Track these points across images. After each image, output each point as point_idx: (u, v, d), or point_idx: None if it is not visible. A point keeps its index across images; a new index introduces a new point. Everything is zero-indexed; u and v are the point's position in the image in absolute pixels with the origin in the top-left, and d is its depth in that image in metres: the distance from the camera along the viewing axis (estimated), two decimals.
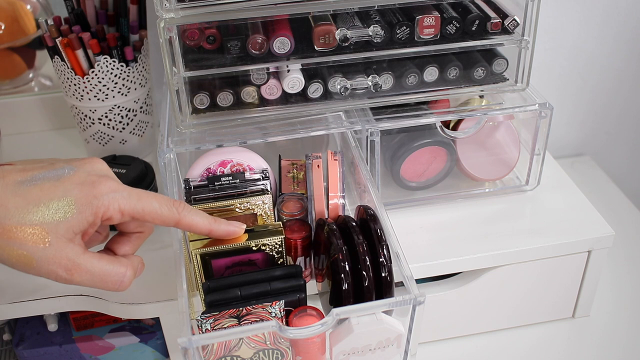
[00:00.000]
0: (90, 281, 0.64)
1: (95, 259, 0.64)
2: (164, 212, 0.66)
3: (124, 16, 1.02)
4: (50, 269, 0.61)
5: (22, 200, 0.60)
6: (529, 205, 1.00)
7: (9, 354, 1.03)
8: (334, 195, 0.82)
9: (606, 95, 1.37)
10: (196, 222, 0.69)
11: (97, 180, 0.63)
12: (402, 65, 0.90)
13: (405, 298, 0.66)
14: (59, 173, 0.63)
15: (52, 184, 0.62)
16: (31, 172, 0.62)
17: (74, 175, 0.63)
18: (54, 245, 0.60)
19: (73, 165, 0.64)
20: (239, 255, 0.76)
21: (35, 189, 0.61)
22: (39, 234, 0.60)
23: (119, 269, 0.65)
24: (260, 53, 0.84)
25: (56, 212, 0.60)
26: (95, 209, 0.62)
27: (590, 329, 1.01)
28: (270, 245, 0.76)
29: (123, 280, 0.66)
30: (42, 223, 0.60)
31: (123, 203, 0.63)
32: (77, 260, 0.62)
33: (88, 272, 0.63)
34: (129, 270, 0.66)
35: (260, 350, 0.68)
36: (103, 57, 0.98)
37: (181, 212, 0.67)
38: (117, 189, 0.64)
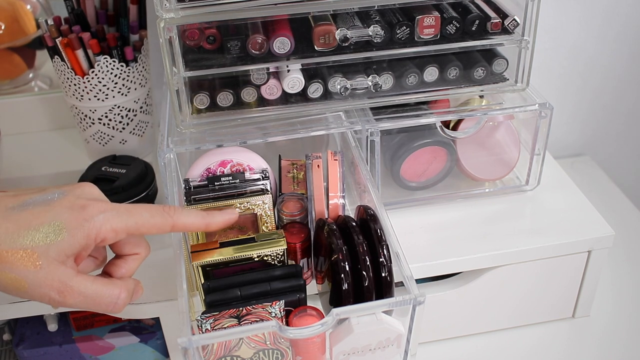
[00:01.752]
0: (84, 303, 0.63)
1: (89, 281, 0.63)
2: (156, 221, 0.66)
3: (124, 16, 1.02)
4: (43, 291, 0.61)
5: (13, 225, 0.60)
6: (529, 205, 1.00)
7: (9, 354, 1.03)
8: (334, 195, 0.82)
9: (606, 95, 1.37)
10: (191, 221, 0.69)
11: (86, 204, 0.63)
12: (402, 65, 0.90)
13: (405, 298, 0.66)
14: (48, 198, 0.63)
15: (43, 208, 0.62)
16: (22, 197, 0.63)
17: (64, 199, 0.63)
18: (45, 268, 0.60)
19: (63, 190, 0.64)
20: (240, 264, 0.76)
21: (26, 213, 0.61)
22: (30, 257, 0.60)
23: (112, 291, 0.64)
24: (260, 53, 0.84)
25: (47, 235, 0.60)
26: (87, 231, 0.62)
27: (590, 329, 1.01)
28: (272, 255, 0.76)
29: (117, 302, 0.65)
30: (33, 246, 0.60)
31: (114, 222, 0.63)
32: (69, 282, 0.61)
33: (81, 294, 0.62)
34: (122, 292, 0.65)
35: (260, 350, 0.68)
36: (103, 57, 0.98)
37: (174, 216, 0.67)
38: (107, 209, 0.63)
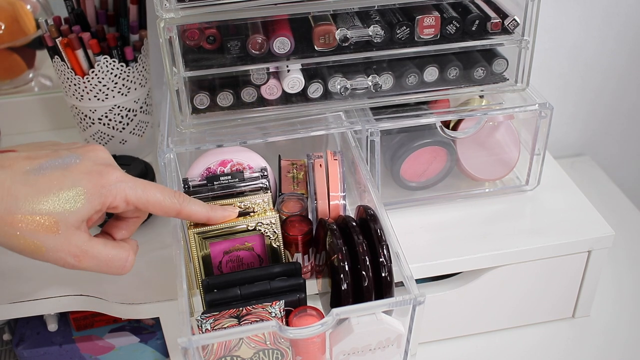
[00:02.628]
0: (96, 266, 0.66)
1: (101, 244, 0.66)
2: (166, 203, 0.69)
3: (124, 16, 1.02)
4: (59, 256, 0.63)
5: (32, 190, 0.61)
6: (529, 205, 1.00)
7: (9, 354, 1.03)
8: (334, 196, 0.83)
9: (606, 95, 1.37)
10: (195, 210, 0.72)
11: (104, 170, 0.65)
12: (402, 65, 0.90)
13: (405, 298, 0.66)
14: (65, 162, 0.64)
15: (61, 173, 0.63)
16: (37, 160, 0.63)
17: (81, 164, 0.64)
18: (63, 233, 0.62)
19: (78, 154, 0.65)
20: (236, 237, 0.78)
21: (44, 178, 0.62)
22: (49, 223, 0.61)
23: (122, 254, 0.68)
24: (260, 53, 0.84)
25: (66, 201, 0.62)
26: (104, 198, 0.64)
27: (590, 329, 1.01)
28: (265, 224, 0.77)
29: (125, 264, 0.69)
30: (52, 212, 0.61)
31: (130, 193, 0.65)
32: (85, 247, 0.64)
33: (94, 258, 0.65)
34: (130, 255, 0.69)
35: (260, 350, 0.69)
36: (103, 57, 0.98)
37: (182, 203, 0.70)
38: (124, 179, 0.66)
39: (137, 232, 0.97)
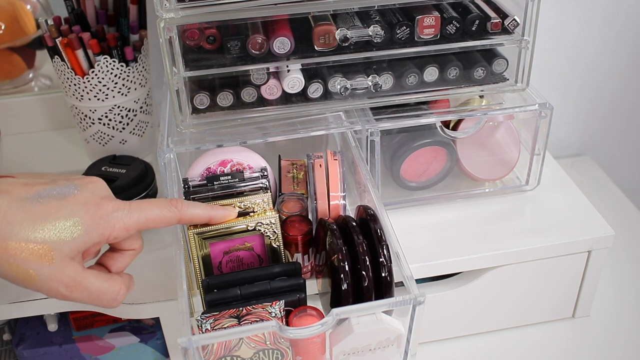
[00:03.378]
0: (87, 298, 0.65)
1: (93, 276, 0.65)
2: (165, 215, 0.69)
3: (124, 16, 1.02)
4: (52, 286, 0.62)
5: (28, 217, 0.60)
6: (529, 205, 1.00)
7: (9, 354, 1.03)
8: (334, 196, 0.83)
9: (606, 95, 1.37)
10: (196, 214, 0.72)
11: (100, 202, 0.64)
12: (402, 65, 0.90)
13: (405, 298, 0.66)
14: (63, 191, 0.63)
15: (58, 202, 0.62)
16: (35, 187, 0.63)
17: (79, 195, 0.64)
18: (57, 263, 0.61)
19: (76, 185, 0.65)
20: (235, 237, 0.78)
21: (41, 206, 0.61)
22: (43, 252, 0.60)
23: (114, 287, 0.67)
24: (260, 53, 0.84)
25: (62, 231, 0.61)
26: (102, 229, 0.63)
27: (590, 329, 1.01)
28: (265, 224, 0.77)
29: (117, 298, 0.67)
30: (48, 241, 0.60)
31: (127, 220, 0.65)
32: (78, 278, 0.63)
33: (86, 290, 0.64)
34: (122, 288, 0.68)
35: (260, 350, 0.69)
36: (103, 57, 0.98)
37: (181, 210, 0.70)
38: (120, 207, 0.65)
39: None
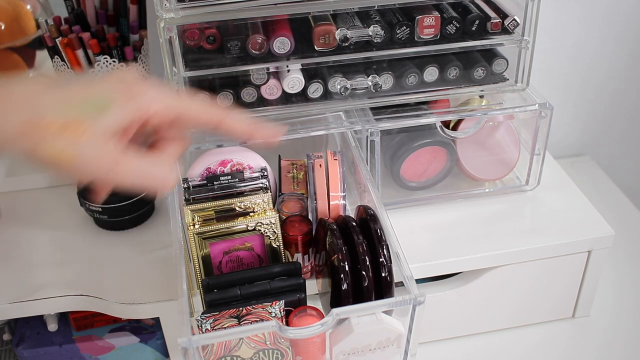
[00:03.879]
0: (135, 178, 0.60)
1: (137, 158, 0.60)
2: (208, 111, 0.65)
3: (124, 16, 1.02)
4: (92, 167, 0.57)
5: (59, 97, 0.57)
6: (529, 205, 1.00)
7: (9, 354, 1.03)
8: (334, 196, 0.83)
9: (607, 95, 1.37)
10: (238, 125, 0.67)
11: (134, 81, 0.61)
12: (402, 65, 0.90)
13: (405, 298, 0.66)
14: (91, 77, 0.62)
15: (87, 84, 0.60)
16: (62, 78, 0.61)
17: (111, 76, 0.61)
18: (93, 142, 0.57)
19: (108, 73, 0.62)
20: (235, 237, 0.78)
21: (72, 89, 0.58)
22: (75, 129, 0.56)
23: (162, 167, 0.62)
24: (260, 53, 0.84)
25: (93, 107, 0.57)
26: (139, 104, 0.60)
27: (590, 329, 1.01)
28: (265, 224, 0.77)
29: (168, 177, 0.62)
30: (82, 118, 0.56)
31: (167, 99, 0.61)
32: (119, 157, 0.58)
33: (131, 170, 0.59)
34: (171, 172, 0.62)
35: (260, 350, 0.69)
36: (103, 57, 0.98)
37: (224, 114, 0.65)
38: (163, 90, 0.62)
39: (137, 232, 0.98)
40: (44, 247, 0.96)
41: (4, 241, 0.98)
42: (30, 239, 0.98)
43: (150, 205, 1.00)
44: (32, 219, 1.02)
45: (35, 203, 1.04)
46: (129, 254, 0.94)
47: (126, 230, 0.99)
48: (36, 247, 0.96)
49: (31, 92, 0.56)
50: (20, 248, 0.96)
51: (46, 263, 0.93)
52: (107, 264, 0.93)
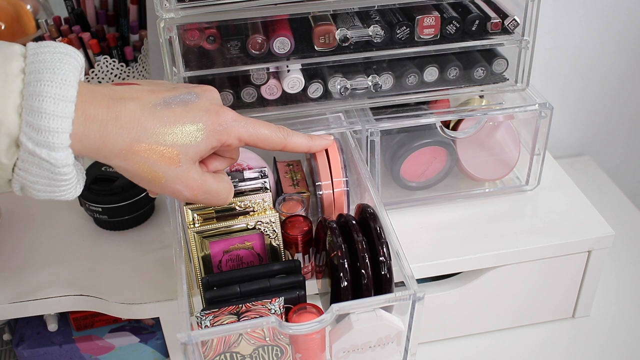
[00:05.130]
0: (206, 199, 0.70)
1: (211, 178, 0.69)
2: (273, 138, 0.73)
3: (124, 16, 1.02)
4: (176, 188, 0.66)
5: (159, 122, 0.63)
6: (529, 205, 1.00)
7: (9, 354, 1.03)
8: (338, 182, 0.83)
9: (608, 96, 1.37)
10: (299, 143, 0.76)
11: (220, 110, 0.68)
12: (402, 65, 0.90)
13: (405, 294, 0.66)
14: (185, 98, 0.66)
15: (183, 108, 0.65)
16: (161, 94, 0.65)
17: (199, 102, 0.67)
18: (183, 166, 0.65)
19: (195, 92, 0.68)
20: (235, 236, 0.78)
21: (169, 112, 0.64)
22: (172, 155, 0.64)
23: (227, 186, 0.72)
24: (260, 53, 0.84)
25: (188, 135, 0.64)
26: (220, 135, 0.67)
27: (590, 329, 1.01)
28: (265, 223, 0.78)
29: (229, 196, 0.72)
30: (175, 145, 0.64)
31: (242, 131, 0.69)
32: (200, 180, 0.67)
33: (207, 192, 0.69)
34: (232, 188, 0.73)
35: (260, 346, 0.69)
36: (103, 57, 0.99)
37: (287, 137, 0.74)
38: (237, 118, 0.69)
39: (138, 232, 0.98)
40: (44, 247, 0.96)
41: (4, 241, 0.98)
42: (30, 238, 0.98)
43: (150, 205, 1.00)
44: (32, 219, 1.02)
45: (35, 203, 1.04)
46: (129, 254, 0.95)
47: (126, 230, 0.99)
48: (36, 247, 0.97)
49: (137, 114, 0.62)
50: (20, 248, 0.96)
51: (46, 263, 0.93)
52: (107, 264, 0.93)
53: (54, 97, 0.57)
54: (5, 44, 0.59)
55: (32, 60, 0.58)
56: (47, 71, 0.57)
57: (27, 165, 0.58)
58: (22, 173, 0.58)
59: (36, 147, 0.56)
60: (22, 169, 0.58)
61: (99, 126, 0.60)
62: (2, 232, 0.99)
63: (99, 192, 0.94)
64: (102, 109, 0.60)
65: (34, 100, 0.56)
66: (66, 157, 0.58)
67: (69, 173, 0.59)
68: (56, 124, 0.57)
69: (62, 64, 0.58)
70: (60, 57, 0.59)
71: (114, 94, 0.62)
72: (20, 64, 0.57)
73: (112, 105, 0.61)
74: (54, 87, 0.57)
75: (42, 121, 0.56)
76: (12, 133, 0.56)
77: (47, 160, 0.57)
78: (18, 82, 0.57)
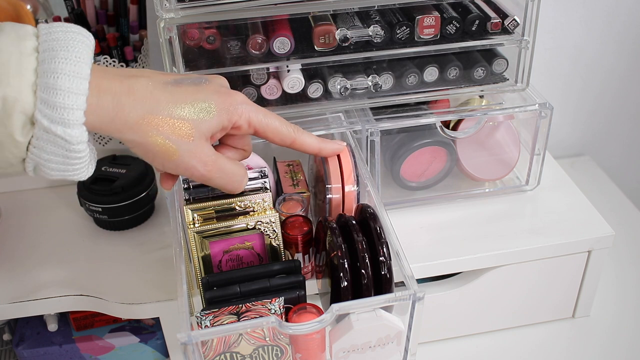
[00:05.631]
0: (220, 179, 0.69)
1: (224, 158, 0.69)
2: (283, 131, 0.72)
3: (124, 16, 1.02)
4: (191, 163, 0.66)
5: (171, 97, 0.64)
6: (529, 205, 1.00)
7: (9, 354, 1.03)
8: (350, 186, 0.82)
9: (607, 96, 1.37)
10: (308, 142, 0.76)
11: (230, 92, 0.68)
12: (402, 65, 0.90)
13: (405, 294, 0.66)
14: (196, 80, 0.67)
15: (194, 87, 0.66)
16: (172, 75, 0.66)
17: (209, 84, 0.67)
18: (196, 141, 0.65)
19: (206, 78, 0.69)
20: (235, 236, 0.78)
21: (181, 89, 0.65)
22: (185, 128, 0.64)
23: (241, 171, 0.71)
24: (260, 53, 0.84)
25: (200, 111, 0.65)
26: (230, 115, 0.67)
27: (590, 329, 1.01)
28: (265, 223, 0.78)
29: (243, 181, 0.71)
30: (189, 119, 0.64)
31: (253, 116, 0.69)
32: (214, 157, 0.67)
33: (221, 170, 0.68)
34: (246, 174, 0.72)
35: (260, 346, 0.69)
36: (103, 57, 0.99)
37: (296, 133, 0.73)
38: (248, 102, 0.69)
39: (138, 232, 0.98)
40: (44, 247, 0.96)
41: (4, 241, 0.98)
42: (30, 238, 0.98)
43: (150, 205, 1.00)
44: (32, 218, 1.02)
45: (35, 203, 1.04)
46: (129, 254, 0.95)
47: (126, 230, 0.99)
48: (36, 246, 0.97)
49: (149, 87, 0.63)
50: (20, 248, 0.96)
51: (46, 263, 0.94)
52: (107, 264, 0.93)
53: (69, 74, 0.57)
54: (17, 25, 0.58)
55: (45, 39, 0.58)
56: (61, 49, 0.57)
57: (42, 143, 0.58)
58: (36, 151, 0.58)
59: (51, 124, 0.56)
60: (36, 147, 0.58)
61: (112, 98, 0.60)
62: (2, 232, 0.99)
63: (99, 192, 0.94)
64: (116, 82, 0.61)
65: (49, 77, 0.56)
66: (81, 134, 0.58)
67: (83, 150, 0.59)
68: (71, 101, 0.57)
69: (75, 42, 0.58)
70: (73, 36, 0.59)
71: (126, 72, 0.63)
72: (33, 43, 0.57)
73: (125, 80, 0.62)
74: (69, 65, 0.57)
75: (57, 98, 0.56)
76: (27, 111, 0.56)
77: (62, 137, 0.57)
78: (32, 60, 0.57)
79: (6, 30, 0.57)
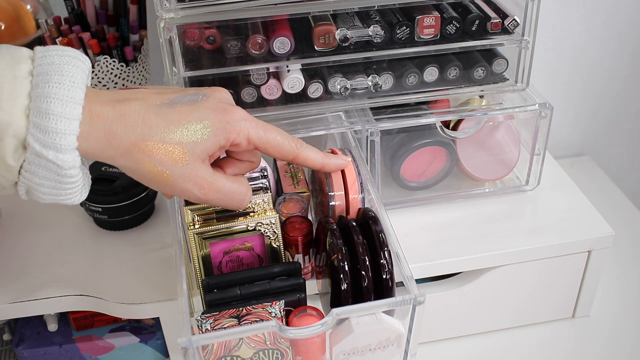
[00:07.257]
0: (219, 200, 0.68)
1: (223, 178, 0.68)
2: (285, 146, 0.70)
3: (124, 16, 1.02)
4: (186, 187, 0.65)
5: (163, 121, 0.63)
6: (529, 205, 1.00)
7: (9, 354, 1.03)
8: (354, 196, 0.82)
9: (608, 96, 1.37)
10: (311, 157, 0.74)
11: (228, 108, 0.66)
12: (402, 65, 0.90)
13: (405, 298, 0.66)
14: (192, 98, 0.66)
15: (189, 107, 0.64)
16: (167, 95, 0.65)
17: (207, 101, 0.66)
18: (191, 164, 0.64)
19: (204, 93, 0.67)
20: (235, 237, 0.78)
21: (174, 111, 0.64)
22: (178, 152, 0.63)
23: (242, 188, 0.70)
24: (260, 53, 0.84)
25: (194, 133, 0.63)
26: (228, 133, 0.65)
27: (590, 329, 1.01)
28: (265, 224, 0.78)
29: (245, 198, 0.70)
30: (181, 143, 0.63)
31: (252, 132, 0.67)
32: (210, 179, 0.66)
33: (218, 192, 0.67)
34: (249, 190, 0.71)
35: (260, 350, 0.69)
36: (103, 57, 0.98)
37: (299, 148, 0.72)
38: (247, 118, 0.67)
39: (138, 232, 0.98)
40: (43, 247, 0.96)
41: (4, 241, 0.98)
42: (30, 238, 0.98)
43: (150, 205, 1.00)
44: (32, 218, 1.02)
45: (35, 203, 1.03)
46: (129, 254, 0.95)
47: (126, 230, 0.99)
48: (36, 247, 0.96)
49: (142, 112, 0.62)
50: (20, 248, 0.96)
51: (46, 263, 0.93)
52: (107, 264, 0.93)
53: (62, 99, 0.57)
54: (13, 47, 0.58)
55: (40, 62, 0.58)
56: (55, 73, 0.57)
57: (34, 168, 0.58)
58: (28, 175, 0.58)
59: (43, 148, 0.56)
60: (28, 171, 0.58)
61: (104, 124, 0.59)
62: (2, 232, 0.99)
63: (99, 192, 0.94)
64: (108, 108, 0.60)
65: (42, 101, 0.56)
66: (73, 159, 0.58)
67: (75, 175, 0.59)
68: (63, 126, 0.56)
69: (70, 67, 0.58)
70: (68, 60, 0.59)
71: (119, 96, 0.62)
72: (28, 67, 0.57)
73: (118, 105, 0.61)
74: (62, 89, 0.57)
75: (50, 122, 0.56)
76: (19, 135, 0.56)
77: (54, 162, 0.57)
78: (26, 84, 0.57)
79: (2, 52, 0.57)
